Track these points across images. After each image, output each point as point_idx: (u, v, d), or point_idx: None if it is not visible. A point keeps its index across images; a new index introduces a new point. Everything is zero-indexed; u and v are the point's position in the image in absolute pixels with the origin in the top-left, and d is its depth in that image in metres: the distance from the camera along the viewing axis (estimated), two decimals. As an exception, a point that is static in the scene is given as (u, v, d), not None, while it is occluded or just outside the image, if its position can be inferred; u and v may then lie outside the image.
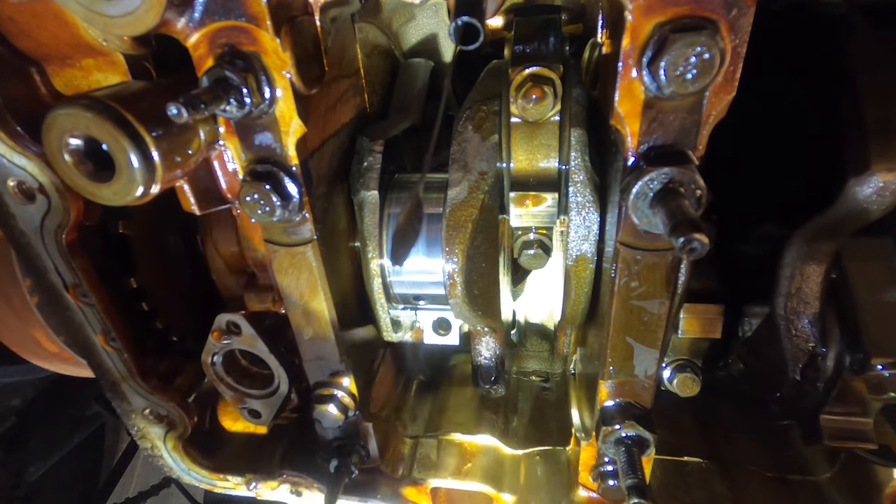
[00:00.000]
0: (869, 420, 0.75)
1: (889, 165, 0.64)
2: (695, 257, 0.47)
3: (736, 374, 0.87)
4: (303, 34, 0.60)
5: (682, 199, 0.50)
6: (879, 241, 0.72)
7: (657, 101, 0.50)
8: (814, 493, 0.92)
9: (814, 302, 0.74)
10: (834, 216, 0.69)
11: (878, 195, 0.65)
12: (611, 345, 0.66)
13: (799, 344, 0.76)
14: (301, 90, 0.60)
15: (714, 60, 0.46)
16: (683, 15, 0.46)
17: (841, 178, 0.67)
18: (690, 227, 0.46)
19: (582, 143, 0.68)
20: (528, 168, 0.69)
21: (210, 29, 0.56)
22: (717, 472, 0.96)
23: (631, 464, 0.68)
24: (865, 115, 0.65)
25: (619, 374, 0.69)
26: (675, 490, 0.94)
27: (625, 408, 0.71)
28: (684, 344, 0.85)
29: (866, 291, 0.71)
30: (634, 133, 0.53)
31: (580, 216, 0.70)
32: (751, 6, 0.46)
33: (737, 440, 1.01)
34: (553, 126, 0.67)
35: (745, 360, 0.84)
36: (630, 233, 0.57)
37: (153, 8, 0.52)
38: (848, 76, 0.68)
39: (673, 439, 1.00)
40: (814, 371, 0.75)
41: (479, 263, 0.75)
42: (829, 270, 0.73)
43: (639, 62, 0.48)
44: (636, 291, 0.62)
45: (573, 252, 0.72)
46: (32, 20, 0.65)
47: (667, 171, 0.51)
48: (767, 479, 0.94)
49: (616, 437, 0.69)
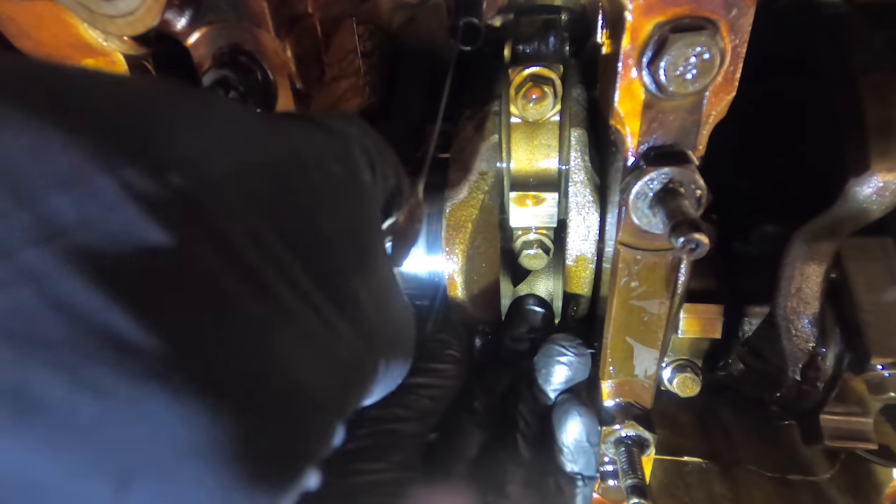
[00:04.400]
0: (869, 420, 0.75)
1: (889, 165, 0.64)
2: (695, 257, 0.47)
3: (736, 374, 0.87)
4: (303, 34, 0.60)
5: (682, 199, 0.51)
6: (879, 241, 0.72)
7: (657, 101, 0.50)
8: (814, 493, 0.92)
9: (814, 302, 0.74)
10: (834, 216, 0.69)
11: (878, 195, 0.65)
12: (611, 345, 0.66)
13: (799, 344, 0.76)
14: (301, 90, 0.60)
15: (714, 60, 0.46)
16: (683, 15, 0.46)
17: (841, 178, 0.67)
18: (690, 227, 0.46)
19: (582, 143, 0.68)
20: (528, 168, 0.69)
21: (210, 29, 0.56)
22: (717, 472, 0.96)
23: (631, 464, 0.68)
24: (865, 115, 0.65)
25: (619, 374, 0.69)
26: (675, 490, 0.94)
27: (625, 408, 0.71)
28: (684, 344, 0.85)
29: (866, 291, 0.71)
30: (634, 133, 0.53)
31: (580, 216, 0.70)
32: (751, 6, 0.46)
33: (737, 440, 1.01)
34: (553, 126, 0.67)
35: (745, 360, 0.84)
36: (630, 233, 0.57)
37: (153, 8, 0.52)
38: (848, 76, 0.68)
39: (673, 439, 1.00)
40: (814, 371, 0.75)
41: (479, 263, 0.75)
42: (829, 270, 0.73)
43: (639, 62, 0.48)
44: (636, 291, 0.62)
45: (573, 252, 0.72)
46: (32, 20, 0.65)
47: (667, 171, 0.51)
48: (767, 479, 0.94)
49: (616, 437, 0.70)
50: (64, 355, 0.22)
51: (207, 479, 0.25)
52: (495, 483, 0.52)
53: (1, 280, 0.21)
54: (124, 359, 0.23)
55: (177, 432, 0.24)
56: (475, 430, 0.55)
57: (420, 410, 0.54)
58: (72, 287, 0.22)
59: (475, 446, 0.54)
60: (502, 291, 0.78)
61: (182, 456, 0.24)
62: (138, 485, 0.23)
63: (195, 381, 0.25)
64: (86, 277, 0.22)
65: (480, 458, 0.54)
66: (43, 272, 0.22)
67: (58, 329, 0.22)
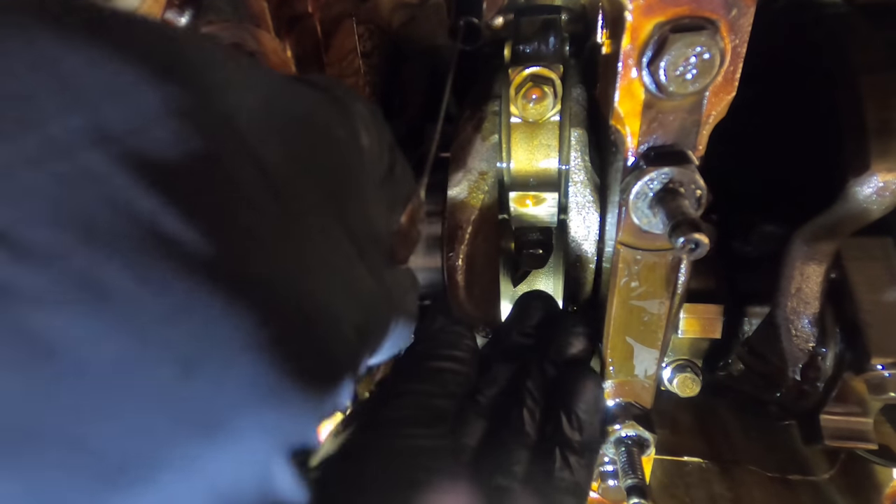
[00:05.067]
0: (869, 420, 0.75)
1: (889, 165, 0.64)
2: (695, 257, 0.47)
3: (736, 374, 0.87)
4: (304, 34, 0.60)
5: (682, 199, 0.50)
6: (879, 241, 0.72)
7: (657, 101, 0.50)
8: (814, 493, 0.92)
9: (814, 302, 0.74)
10: (834, 216, 0.69)
11: (878, 195, 0.65)
12: (611, 345, 0.66)
13: (799, 344, 0.76)
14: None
15: (714, 60, 0.46)
16: (683, 15, 0.46)
17: (841, 178, 0.67)
18: (690, 227, 0.46)
19: (582, 143, 0.68)
20: (528, 168, 0.69)
21: (210, 29, 0.56)
22: (717, 472, 0.96)
23: (631, 464, 0.68)
24: (865, 115, 0.65)
25: (619, 374, 0.69)
26: (675, 490, 0.94)
27: (625, 408, 0.71)
28: (684, 344, 0.85)
29: (866, 291, 0.71)
30: (634, 133, 0.53)
31: (580, 216, 0.70)
32: (751, 6, 0.46)
33: (737, 440, 1.01)
34: (553, 126, 0.67)
35: (745, 360, 0.84)
36: (630, 233, 0.57)
37: (153, 8, 0.53)
38: (848, 76, 0.68)
39: (673, 439, 1.00)
40: (814, 371, 0.75)
41: (479, 263, 0.75)
42: (829, 270, 0.73)
43: (639, 62, 0.48)
44: (636, 291, 0.62)
45: (573, 252, 0.72)
46: (33, 20, 0.65)
47: (667, 171, 0.51)
48: (767, 479, 0.95)
49: (616, 437, 0.70)
50: (126, 250, 0.23)
51: (262, 375, 0.27)
52: (501, 464, 0.52)
53: (64, 176, 0.22)
54: (177, 256, 0.24)
55: (231, 329, 0.26)
56: (478, 421, 0.56)
57: (451, 393, 0.55)
58: (129, 188, 0.24)
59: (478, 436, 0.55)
60: (502, 291, 0.78)
61: (238, 350, 0.26)
62: (199, 372, 0.25)
63: (245, 283, 0.27)
64: (141, 181, 0.24)
65: (485, 445, 0.54)
66: (101, 173, 0.23)
67: (118, 226, 0.23)
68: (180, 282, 0.24)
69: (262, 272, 0.28)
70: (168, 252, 0.24)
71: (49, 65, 0.23)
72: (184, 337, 0.25)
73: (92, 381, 0.23)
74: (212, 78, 0.29)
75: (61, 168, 0.22)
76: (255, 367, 0.27)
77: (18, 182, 0.22)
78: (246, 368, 0.26)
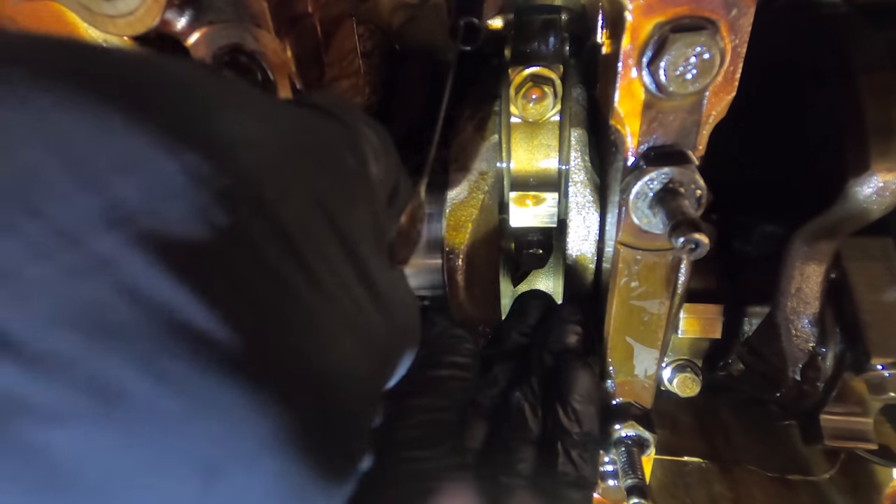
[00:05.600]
0: (869, 420, 0.75)
1: (889, 165, 0.64)
2: (695, 257, 0.47)
3: (736, 374, 0.87)
4: (304, 34, 0.60)
5: (682, 199, 0.51)
6: (879, 241, 0.72)
7: (657, 101, 0.50)
8: (814, 493, 0.92)
9: (814, 302, 0.74)
10: (834, 216, 0.69)
11: (878, 195, 0.65)
12: (611, 345, 0.66)
13: (799, 344, 0.76)
14: (301, 90, 0.60)
15: (714, 60, 0.46)
16: (683, 15, 0.46)
17: (841, 178, 0.67)
18: (690, 227, 0.46)
19: (582, 143, 0.68)
20: (528, 168, 0.69)
21: (210, 29, 0.56)
22: (717, 472, 0.96)
23: (631, 464, 0.68)
24: (865, 115, 0.65)
25: (619, 374, 0.69)
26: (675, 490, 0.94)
27: (625, 408, 0.71)
28: (684, 344, 0.85)
29: (866, 291, 0.71)
30: (634, 133, 0.53)
31: (580, 216, 0.70)
32: (751, 6, 0.46)
33: (737, 440, 1.01)
34: (553, 126, 0.67)
35: (745, 360, 0.84)
36: (630, 233, 0.57)
37: (153, 8, 0.52)
38: (848, 76, 0.68)
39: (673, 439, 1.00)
40: (814, 371, 0.75)
41: (479, 263, 0.75)
42: (829, 270, 0.73)
43: (639, 62, 0.48)
44: (636, 291, 0.62)
45: (573, 252, 0.72)
46: (32, 20, 0.65)
47: (667, 171, 0.51)
48: (767, 479, 0.95)
49: (616, 437, 0.70)
50: (142, 347, 0.21)
51: (288, 472, 0.25)
52: (505, 463, 0.53)
53: (74, 268, 0.21)
54: (199, 350, 0.22)
55: (255, 425, 0.24)
56: (481, 423, 0.56)
57: (456, 401, 0.55)
58: (144, 275, 0.21)
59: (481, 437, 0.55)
60: (502, 291, 0.78)
61: (262, 449, 0.24)
62: (223, 479, 0.23)
63: (267, 372, 0.24)
64: (157, 265, 0.22)
65: (488, 445, 0.54)
66: (114, 260, 0.21)
67: (133, 320, 0.21)
68: (202, 379, 0.22)
69: (285, 358, 0.26)
70: (188, 347, 0.22)
71: (55, 135, 0.21)
72: (204, 442, 0.23)
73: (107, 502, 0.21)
74: (229, 133, 0.26)
75: (70, 258, 0.20)
76: (279, 467, 0.25)
77: (24, 280, 0.20)
78: (269, 468, 0.25)
